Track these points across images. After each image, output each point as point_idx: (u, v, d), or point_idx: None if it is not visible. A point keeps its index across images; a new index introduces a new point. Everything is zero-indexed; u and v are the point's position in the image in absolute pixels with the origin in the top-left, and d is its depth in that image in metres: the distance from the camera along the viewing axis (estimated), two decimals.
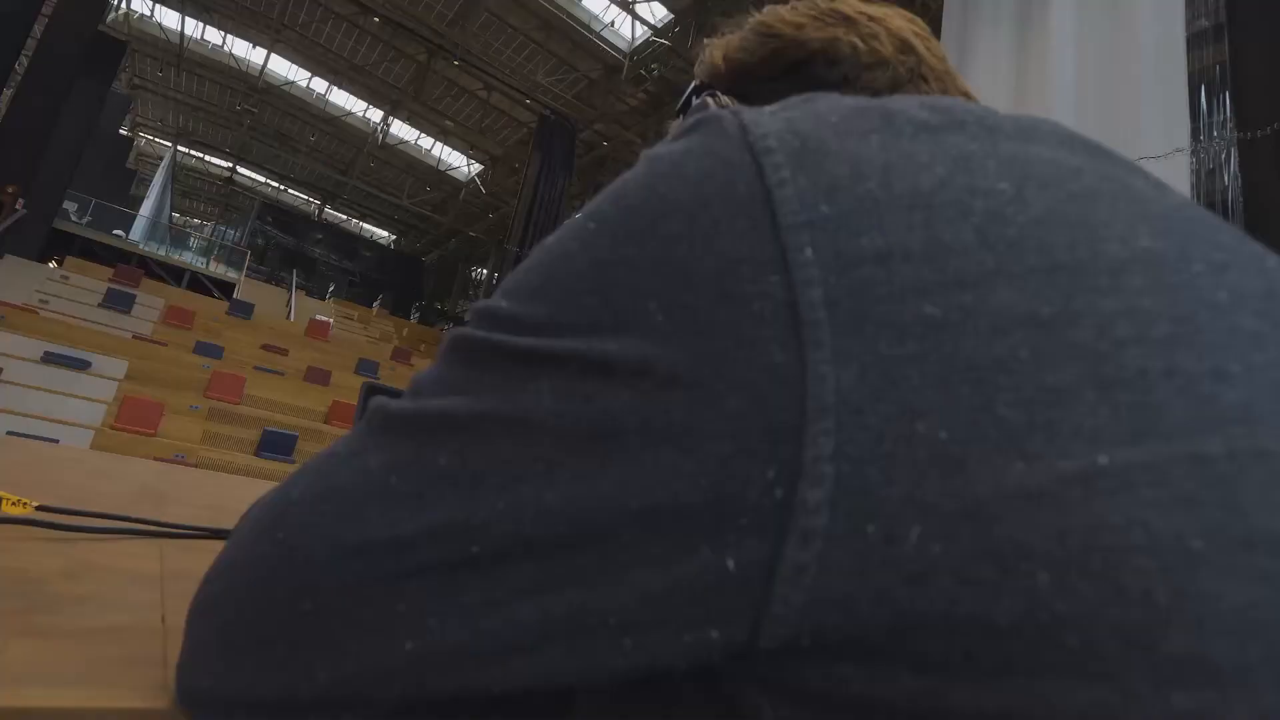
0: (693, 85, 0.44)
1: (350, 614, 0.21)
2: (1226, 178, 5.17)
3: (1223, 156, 5.27)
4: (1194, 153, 4.69)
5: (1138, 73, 4.51)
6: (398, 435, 0.22)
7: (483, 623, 0.20)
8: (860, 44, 0.37)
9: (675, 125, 0.47)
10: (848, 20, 0.38)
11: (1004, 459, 0.16)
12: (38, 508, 0.54)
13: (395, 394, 0.25)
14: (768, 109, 0.23)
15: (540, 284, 0.22)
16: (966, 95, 0.39)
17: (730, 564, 0.17)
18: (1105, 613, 0.14)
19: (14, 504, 0.51)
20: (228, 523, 0.71)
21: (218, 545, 0.62)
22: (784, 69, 0.38)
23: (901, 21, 0.38)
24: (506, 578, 0.20)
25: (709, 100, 0.39)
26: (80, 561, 0.44)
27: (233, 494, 1.16)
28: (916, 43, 0.38)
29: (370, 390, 0.55)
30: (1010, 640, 0.15)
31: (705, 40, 0.45)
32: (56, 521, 0.51)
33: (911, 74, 0.36)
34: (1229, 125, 4.96)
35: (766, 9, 0.41)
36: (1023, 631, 0.15)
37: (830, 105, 0.23)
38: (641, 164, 0.23)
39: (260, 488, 1.46)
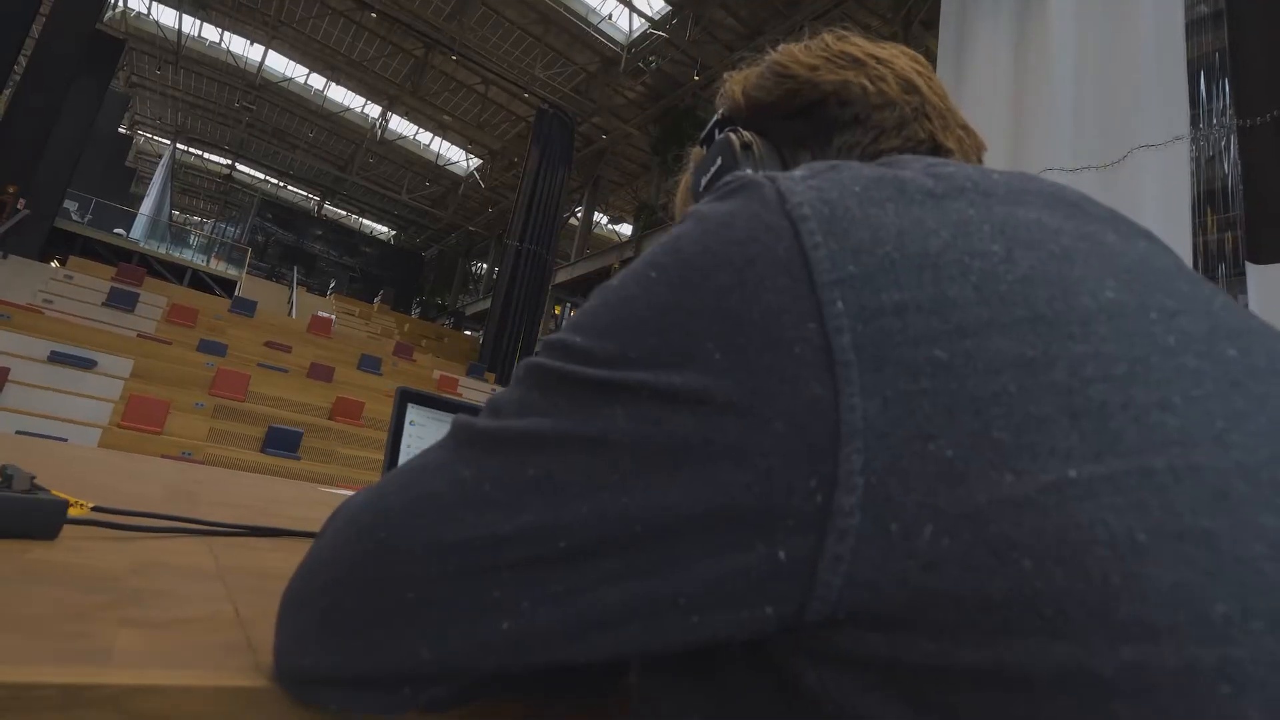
0: (715, 119, 0.47)
1: (451, 601, 0.25)
2: (1226, 165, 5.16)
3: (1223, 144, 5.26)
4: (1194, 140, 4.67)
5: (1137, 60, 4.48)
6: (486, 450, 0.26)
7: (570, 606, 0.24)
8: (869, 86, 0.40)
9: (697, 154, 0.50)
10: (857, 63, 0.41)
11: (997, 473, 0.20)
12: (93, 508, 0.57)
13: (474, 410, 0.28)
14: (798, 174, 0.27)
15: (609, 323, 0.25)
16: (965, 129, 0.42)
17: (781, 555, 0.21)
18: (1072, 589, 0.18)
19: (74, 505, 0.54)
20: (259, 520, 0.75)
21: (259, 542, 0.65)
22: (799, 108, 0.42)
23: (906, 62, 0.42)
24: (590, 569, 0.23)
25: (731, 137, 0.42)
26: (143, 560, 0.47)
27: (253, 492, 1.20)
28: (920, 82, 0.41)
29: (405, 396, 0.58)
30: (1002, 611, 0.19)
31: (725, 75, 0.48)
32: (118, 522, 0.54)
33: (916, 113, 0.40)
34: (1229, 112, 4.95)
35: (781, 48, 0.44)
36: (1011, 604, 0.19)
37: (853, 175, 0.26)
38: (692, 221, 0.27)
39: (274, 486, 1.50)
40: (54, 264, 11.31)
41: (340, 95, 19.73)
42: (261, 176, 25.84)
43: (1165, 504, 0.19)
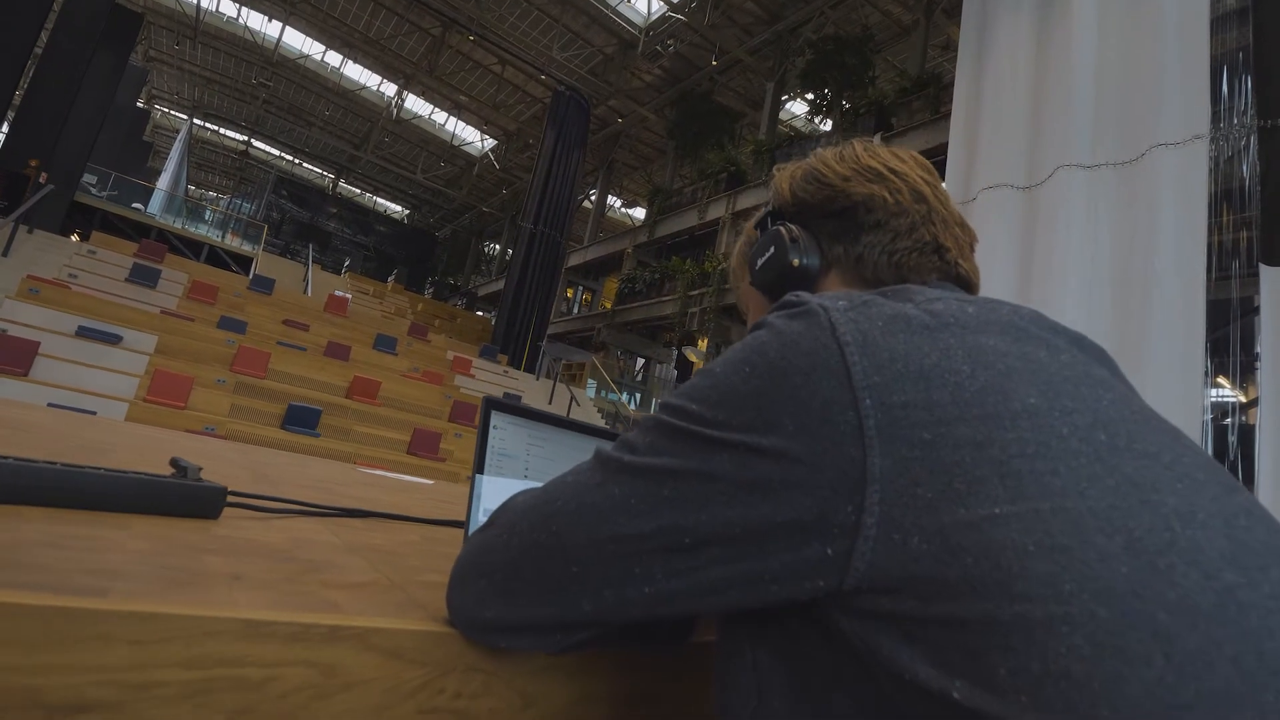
0: (768, 209, 0.57)
1: (607, 574, 0.38)
2: (1245, 166, 5.13)
3: (1242, 143, 5.23)
4: (1214, 140, 4.63)
5: (1160, 57, 4.41)
6: (631, 476, 0.38)
7: (690, 578, 0.36)
8: (889, 198, 0.52)
9: (750, 231, 0.60)
10: (881, 177, 0.52)
11: (955, 508, 0.32)
12: (230, 493, 0.68)
13: (612, 436, 0.38)
14: (842, 305, 0.39)
15: (718, 400, 0.38)
16: (961, 226, 0.53)
17: (829, 551, 0.34)
18: (992, 574, 0.30)
19: None
20: (332, 500, 0.86)
21: (353, 522, 0.76)
22: (834, 211, 0.52)
23: (918, 174, 0.52)
24: (705, 555, 0.36)
25: (782, 231, 0.53)
26: (292, 537, 0.57)
27: (312, 474, 1.31)
28: (927, 192, 0.53)
29: (490, 404, 0.69)
30: (954, 585, 0.31)
31: (776, 166, 0.58)
32: (256, 505, 0.65)
33: (924, 219, 0.51)
34: (1250, 111, 4.91)
35: (818, 155, 0.55)
36: (960, 582, 0.31)
37: (878, 311, 0.39)
38: (771, 333, 0.39)
39: (325, 468, 1.61)
40: (74, 238, 11.50)
41: (356, 73, 19.74)
42: (277, 153, 25.95)
43: (1045, 529, 0.31)
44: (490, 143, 21.63)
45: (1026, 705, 0.28)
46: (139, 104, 19.10)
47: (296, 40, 18.55)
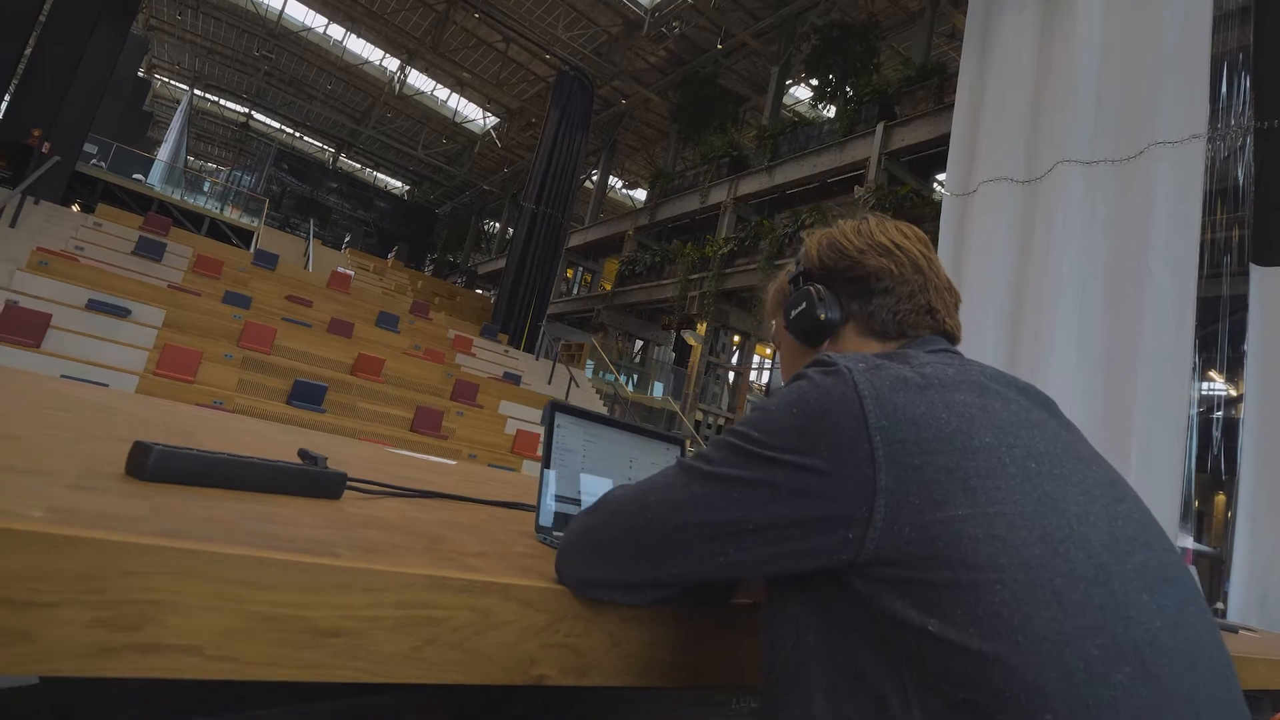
0: (800, 269, 0.72)
1: (689, 549, 0.53)
2: (1240, 166, 5.22)
3: (1239, 144, 5.32)
4: (1210, 139, 4.70)
5: (1161, 56, 4.45)
6: (710, 480, 0.53)
7: (753, 552, 0.51)
8: (895, 270, 0.66)
9: (784, 283, 0.73)
10: (889, 251, 0.66)
11: (934, 510, 0.46)
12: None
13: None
14: (861, 366, 0.53)
15: (774, 430, 0.52)
16: (948, 289, 0.67)
17: (850, 536, 0.48)
18: (953, 552, 0.45)
19: None
20: (392, 481, 0.98)
21: (427, 502, 0.88)
22: (852, 277, 0.67)
23: (918, 249, 0.66)
24: (763, 537, 0.51)
25: (811, 290, 0.67)
26: (402, 515, 0.70)
27: (355, 455, 1.43)
28: (924, 264, 0.67)
29: (554, 407, 0.82)
30: (930, 560, 0.45)
31: (805, 231, 0.71)
32: (362, 488, 0.78)
33: (921, 287, 0.65)
34: (1247, 112, 4.97)
35: (839, 227, 0.68)
36: (934, 558, 0.45)
37: (886, 373, 0.53)
38: (811, 384, 0.53)
39: (360, 449, 1.73)
40: (75, 208, 11.51)
41: (359, 47, 19.57)
42: (278, 126, 25.76)
43: (989, 525, 0.46)
44: (492, 120, 21.52)
45: (974, 634, 0.43)
46: (139, 73, 18.92)
47: (299, 12, 18.38)
